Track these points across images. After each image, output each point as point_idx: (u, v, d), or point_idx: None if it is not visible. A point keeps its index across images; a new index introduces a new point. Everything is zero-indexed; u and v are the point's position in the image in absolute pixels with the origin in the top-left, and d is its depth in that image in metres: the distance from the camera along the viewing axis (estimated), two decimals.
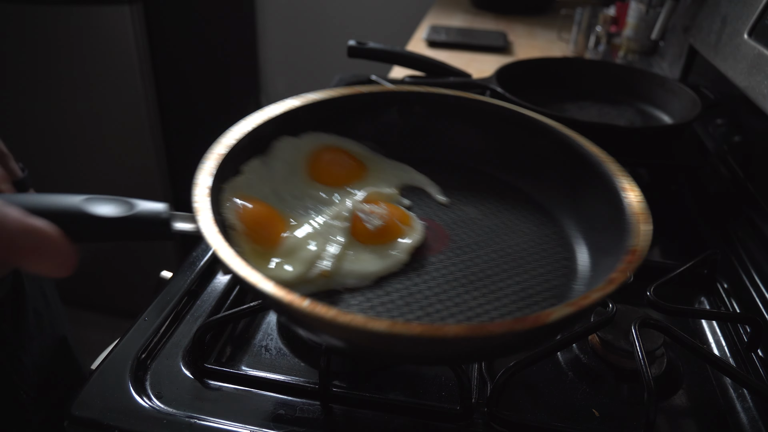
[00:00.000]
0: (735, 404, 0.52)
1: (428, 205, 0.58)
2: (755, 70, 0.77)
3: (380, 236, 0.49)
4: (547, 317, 0.34)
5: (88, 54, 1.60)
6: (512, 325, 0.34)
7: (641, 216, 0.45)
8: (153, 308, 0.57)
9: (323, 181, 0.56)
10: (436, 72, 1.00)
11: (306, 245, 0.48)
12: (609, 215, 0.49)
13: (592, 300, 0.37)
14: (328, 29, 2.29)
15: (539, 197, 0.59)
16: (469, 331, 0.34)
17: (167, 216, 0.41)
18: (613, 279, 0.39)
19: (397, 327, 0.33)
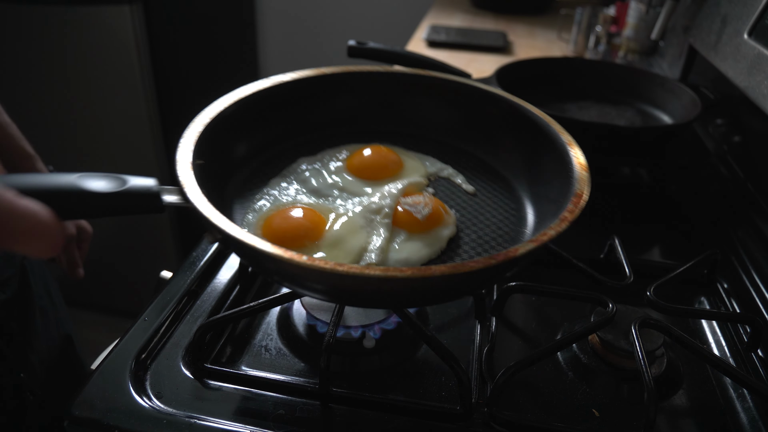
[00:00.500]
0: (735, 404, 0.52)
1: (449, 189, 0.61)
2: (755, 70, 0.77)
3: (427, 225, 0.52)
4: (516, 252, 0.41)
5: (88, 54, 1.60)
6: (487, 261, 0.40)
7: (584, 166, 0.51)
8: (153, 308, 0.57)
9: (364, 176, 0.58)
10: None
11: (350, 239, 0.50)
12: (555, 170, 0.54)
13: (549, 236, 0.43)
14: (328, 29, 2.29)
15: (494, 162, 0.64)
16: (453, 269, 0.39)
17: (157, 189, 0.42)
18: (565, 217, 0.45)
19: (390, 271, 0.38)
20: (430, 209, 0.52)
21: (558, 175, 0.53)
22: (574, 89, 1.03)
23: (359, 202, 0.55)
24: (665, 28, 1.15)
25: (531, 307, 0.62)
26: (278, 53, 2.39)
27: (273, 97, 0.60)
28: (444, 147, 0.66)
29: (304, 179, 0.58)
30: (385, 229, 0.52)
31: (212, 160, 0.50)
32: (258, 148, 0.60)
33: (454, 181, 0.62)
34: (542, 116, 0.58)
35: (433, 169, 0.62)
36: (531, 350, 0.57)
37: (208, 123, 0.52)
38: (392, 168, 0.59)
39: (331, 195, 0.56)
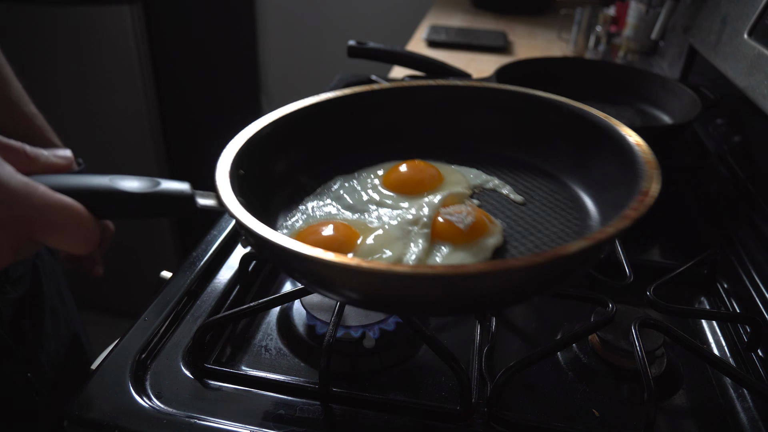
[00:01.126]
0: (735, 404, 0.52)
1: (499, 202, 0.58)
2: (755, 70, 0.77)
3: (470, 235, 0.49)
4: (566, 250, 0.36)
5: (88, 54, 1.60)
6: (533, 259, 0.35)
7: (652, 163, 0.47)
8: (153, 308, 0.57)
9: (402, 191, 0.56)
10: (436, 72, 1.00)
11: (385, 251, 0.48)
12: (617, 172, 0.50)
13: (607, 234, 0.38)
14: (328, 29, 2.29)
15: (550, 167, 0.60)
16: (491, 266, 0.34)
17: (191, 193, 0.43)
18: (627, 215, 0.40)
19: (420, 269, 0.35)
20: (473, 218, 0.49)
21: (621, 180, 0.49)
22: (574, 89, 1.03)
23: (396, 215, 0.53)
24: (665, 28, 1.15)
25: (531, 307, 0.62)
26: (278, 53, 2.39)
27: (310, 117, 0.58)
28: (490, 157, 0.62)
29: (338, 196, 0.56)
30: (423, 239, 0.48)
31: (252, 175, 0.50)
32: (298, 168, 0.58)
33: (500, 192, 0.58)
34: (607, 119, 0.54)
35: (477, 182, 0.59)
36: (531, 350, 0.57)
37: (249, 139, 0.51)
38: (431, 181, 0.57)
39: (367, 210, 0.54)
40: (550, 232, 0.52)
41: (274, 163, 0.56)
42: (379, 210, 0.54)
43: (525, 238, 0.51)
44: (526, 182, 0.59)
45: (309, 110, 0.58)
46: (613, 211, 0.48)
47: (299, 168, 0.58)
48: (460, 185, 0.57)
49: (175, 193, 0.42)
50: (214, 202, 0.43)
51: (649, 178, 0.45)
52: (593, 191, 0.55)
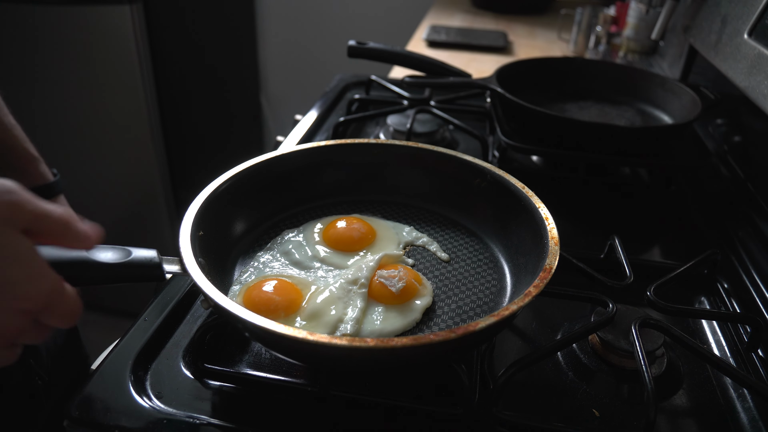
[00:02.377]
0: (735, 404, 0.52)
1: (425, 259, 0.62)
2: (755, 70, 0.77)
3: (401, 297, 0.54)
4: (476, 326, 0.42)
5: (88, 54, 1.60)
6: (447, 334, 0.41)
7: (556, 240, 0.52)
8: (153, 308, 0.57)
9: (339, 248, 0.60)
10: (436, 72, 1.00)
11: (327, 311, 0.52)
12: (531, 241, 0.56)
13: (511, 311, 0.44)
14: (328, 29, 2.29)
15: (475, 228, 0.66)
16: (414, 341, 0.41)
17: (159, 260, 0.46)
18: (529, 293, 0.46)
19: (356, 342, 0.40)
20: (404, 283, 0.54)
21: (533, 249, 0.54)
22: (574, 89, 1.03)
23: (337, 275, 0.57)
24: (665, 28, 1.15)
25: (531, 307, 0.62)
26: (278, 53, 2.39)
27: (263, 174, 0.63)
28: (422, 213, 0.68)
29: (286, 251, 0.60)
30: (361, 299, 0.53)
31: (211, 233, 0.54)
32: (254, 222, 0.63)
33: (429, 249, 0.63)
34: (523, 189, 0.59)
35: (408, 238, 0.64)
36: (531, 350, 0.57)
37: (206, 199, 0.55)
38: (365, 239, 0.62)
39: (312, 267, 0.58)
40: (471, 292, 0.57)
41: (230, 220, 0.60)
42: (322, 267, 0.58)
43: (449, 298, 0.56)
44: (453, 241, 0.64)
45: (258, 168, 0.62)
46: (524, 276, 0.55)
47: (251, 222, 0.63)
48: (393, 244, 0.62)
49: (144, 262, 0.46)
50: (178, 267, 0.47)
51: (552, 255, 0.50)
52: (510, 254, 0.61)
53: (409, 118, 0.96)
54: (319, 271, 0.58)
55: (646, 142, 0.84)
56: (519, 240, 0.59)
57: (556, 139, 0.84)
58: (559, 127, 0.84)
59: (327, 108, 1.07)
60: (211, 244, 0.53)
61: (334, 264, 0.59)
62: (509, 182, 0.61)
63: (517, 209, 0.59)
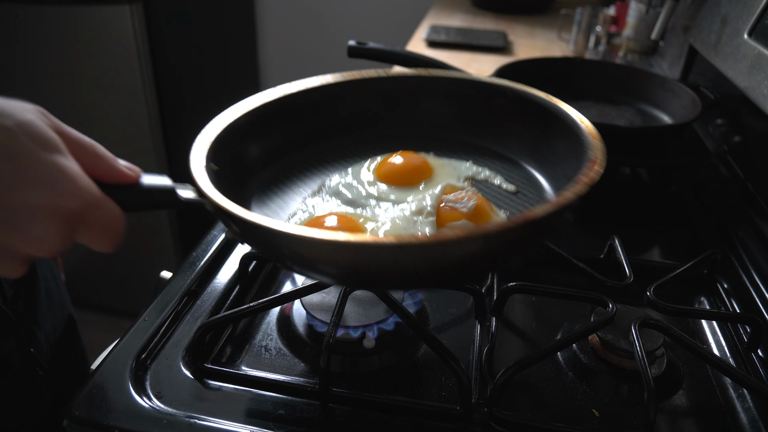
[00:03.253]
0: (735, 404, 0.52)
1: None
2: (755, 70, 0.77)
3: (475, 218, 0.49)
4: (534, 215, 0.38)
5: (88, 54, 1.60)
6: (506, 224, 0.38)
7: (595, 135, 0.50)
8: (153, 308, 0.57)
9: (394, 182, 0.57)
10: None
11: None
12: (567, 148, 0.53)
13: (566, 198, 0.41)
14: (328, 29, 2.29)
15: (505, 150, 0.62)
16: (469, 233, 0.38)
17: (172, 186, 0.43)
18: (579, 180, 0.43)
19: (404, 238, 0.36)
20: (475, 201, 0.49)
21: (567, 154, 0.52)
22: (574, 89, 1.03)
23: (399, 208, 0.53)
24: (665, 28, 1.15)
25: (531, 307, 0.62)
26: (278, 53, 2.39)
27: (291, 103, 0.59)
28: (478, 150, 0.63)
29: (337, 192, 0.56)
30: (429, 228, 0.49)
31: (226, 166, 0.50)
32: (274, 154, 0.58)
33: (493, 183, 0.58)
34: (547, 98, 0.57)
35: (468, 173, 0.59)
36: (531, 350, 0.57)
37: (221, 132, 0.51)
38: (424, 172, 0.58)
39: (368, 205, 0.54)
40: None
41: (248, 152, 0.56)
42: (379, 204, 0.54)
43: None
44: (516, 174, 0.60)
45: (288, 99, 0.58)
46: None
47: (276, 155, 0.58)
48: (453, 178, 0.58)
49: (157, 187, 0.43)
50: (194, 194, 0.43)
51: (595, 149, 0.48)
52: (545, 169, 0.58)
53: None
54: (376, 208, 0.53)
55: (646, 142, 0.84)
56: (553, 153, 0.56)
57: None
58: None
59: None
60: (228, 178, 0.49)
61: (392, 200, 0.54)
62: (534, 95, 0.59)
63: (548, 122, 0.56)
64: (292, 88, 0.60)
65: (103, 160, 0.41)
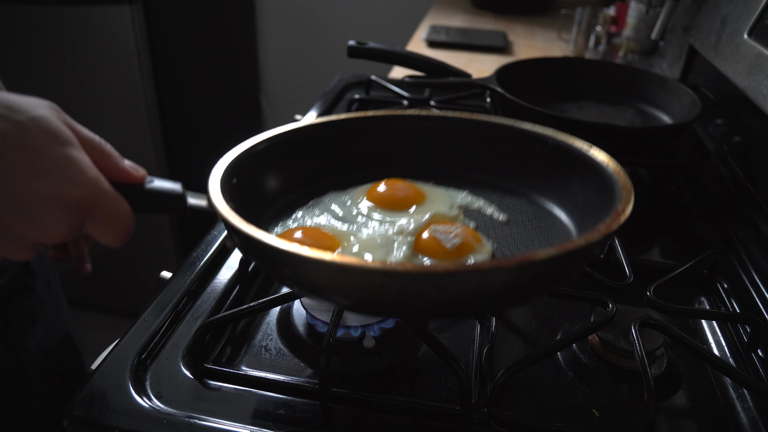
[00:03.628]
0: (735, 404, 0.52)
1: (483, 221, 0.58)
2: (755, 70, 0.77)
3: (454, 254, 0.49)
4: (534, 256, 0.36)
5: (88, 54, 1.60)
6: (501, 262, 0.36)
7: (628, 188, 0.48)
8: (153, 308, 0.57)
9: (385, 205, 0.57)
10: (436, 72, 1.00)
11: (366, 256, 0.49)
12: (596, 198, 0.52)
13: (576, 245, 0.39)
14: (328, 29, 2.29)
15: (532, 191, 0.61)
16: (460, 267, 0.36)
17: (182, 192, 0.45)
18: (599, 230, 0.41)
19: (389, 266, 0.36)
20: (460, 240, 0.49)
21: (601, 205, 0.50)
22: (574, 89, 1.03)
23: (383, 228, 0.54)
24: (665, 28, 1.15)
25: (531, 307, 0.62)
26: (278, 53, 2.39)
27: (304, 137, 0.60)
28: (478, 182, 0.63)
29: (329, 209, 0.57)
30: (406, 248, 0.49)
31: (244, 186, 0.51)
32: (288, 187, 0.59)
33: (485, 213, 0.59)
34: (588, 150, 0.55)
35: (463, 202, 0.60)
36: (531, 350, 0.57)
37: (245, 151, 0.53)
38: (414, 197, 0.58)
39: (356, 222, 0.55)
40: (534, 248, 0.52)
41: (266, 179, 0.57)
42: (366, 222, 0.55)
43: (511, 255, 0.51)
44: (511, 205, 0.60)
45: (304, 131, 0.60)
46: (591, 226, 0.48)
47: (290, 186, 0.59)
48: (446, 206, 0.58)
49: (167, 191, 0.44)
50: (204, 202, 0.45)
51: (625, 201, 0.46)
52: (573, 214, 0.56)
53: None
54: (362, 227, 0.54)
55: (646, 142, 0.84)
56: (583, 199, 0.55)
57: None
58: (558, 127, 0.83)
59: (327, 108, 1.07)
60: (243, 196, 0.50)
61: (381, 221, 0.55)
62: (572, 146, 0.57)
63: (580, 169, 0.55)
64: (330, 119, 0.62)
65: (110, 158, 0.42)
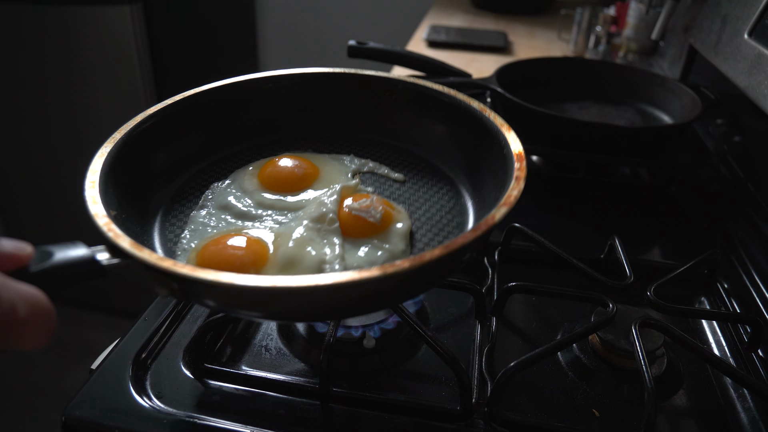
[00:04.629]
0: (735, 404, 0.52)
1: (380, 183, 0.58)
2: (755, 70, 0.77)
3: (382, 227, 0.48)
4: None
5: (88, 54, 1.60)
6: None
7: (519, 154, 0.47)
8: (153, 308, 0.57)
9: (283, 189, 0.53)
10: (436, 72, 1.00)
11: (304, 254, 0.45)
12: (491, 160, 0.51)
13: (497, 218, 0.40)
14: (328, 29, 2.29)
15: (412, 146, 0.61)
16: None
17: (91, 253, 0.36)
18: (505, 202, 0.42)
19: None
20: (382, 210, 0.49)
21: (491, 157, 0.51)
22: (574, 89, 1.03)
23: (296, 216, 0.50)
24: (665, 28, 1.15)
25: (531, 307, 0.62)
26: (278, 53, 2.39)
27: (178, 115, 0.56)
28: (354, 142, 0.63)
29: (225, 205, 0.51)
30: (336, 235, 0.47)
31: (128, 200, 0.46)
32: (167, 176, 0.54)
33: (380, 173, 0.58)
34: (470, 102, 0.55)
35: (353, 167, 0.58)
36: (531, 350, 0.57)
37: (113, 149, 0.47)
38: (310, 174, 0.55)
39: (261, 216, 0.50)
40: (436, 209, 0.54)
41: (141, 180, 0.51)
42: (273, 214, 0.51)
43: (423, 217, 0.53)
44: (398, 159, 0.60)
45: (172, 108, 0.56)
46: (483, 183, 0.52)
47: (165, 178, 0.54)
48: (341, 174, 0.56)
49: (74, 260, 0.35)
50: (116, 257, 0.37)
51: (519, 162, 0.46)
52: (454, 158, 0.57)
53: None
54: (270, 219, 0.50)
55: (646, 142, 0.84)
56: (454, 142, 0.57)
57: (556, 139, 0.84)
58: (559, 127, 0.84)
59: None
60: (129, 214, 0.45)
61: (286, 207, 0.51)
62: (428, 88, 0.58)
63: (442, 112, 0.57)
64: (190, 92, 0.58)
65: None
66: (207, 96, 0.58)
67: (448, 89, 0.57)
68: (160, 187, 0.53)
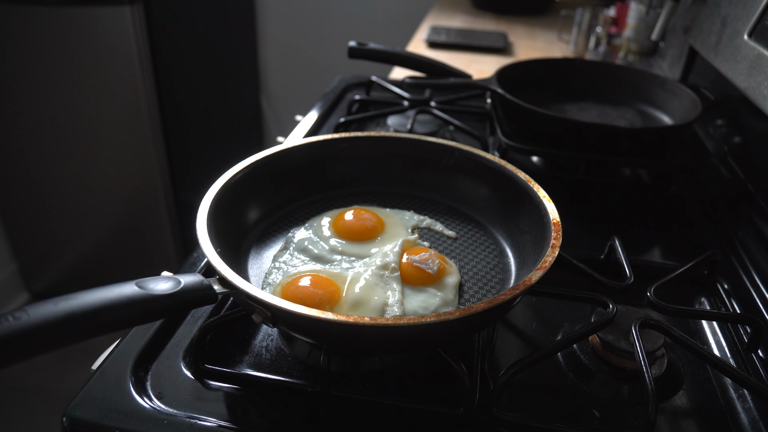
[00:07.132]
0: (735, 405, 0.52)
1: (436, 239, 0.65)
2: (755, 70, 0.77)
3: (437, 278, 0.56)
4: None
5: (89, 54, 1.60)
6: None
7: (557, 223, 0.55)
8: None
9: (354, 238, 0.62)
10: (437, 73, 1.00)
11: (370, 297, 0.53)
12: (532, 225, 0.59)
13: (533, 280, 0.47)
14: (328, 30, 2.30)
15: (467, 208, 0.69)
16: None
17: (209, 283, 0.45)
18: (541, 266, 0.49)
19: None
20: (438, 264, 0.56)
21: (532, 222, 0.58)
22: (574, 90, 1.03)
23: (364, 263, 0.58)
24: (665, 29, 1.15)
25: (531, 308, 0.63)
26: (278, 53, 2.39)
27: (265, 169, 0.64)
28: (413, 199, 0.71)
29: (303, 248, 0.61)
30: (396, 282, 0.55)
31: (226, 238, 0.54)
32: (256, 219, 0.64)
33: (435, 230, 0.66)
34: (516, 172, 0.62)
35: (412, 222, 0.66)
36: (532, 351, 0.57)
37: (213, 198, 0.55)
38: (377, 227, 0.64)
39: (334, 260, 0.59)
40: (485, 263, 0.61)
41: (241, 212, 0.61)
42: (344, 259, 0.59)
43: (471, 271, 0.60)
44: (452, 219, 0.68)
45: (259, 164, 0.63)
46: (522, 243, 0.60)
47: (254, 220, 0.64)
48: (402, 228, 0.65)
49: (197, 287, 0.44)
50: (225, 287, 0.45)
51: (555, 228, 0.54)
52: (505, 228, 0.65)
53: (409, 118, 0.96)
54: (342, 263, 0.59)
55: (647, 142, 0.84)
56: (510, 213, 0.63)
57: (557, 139, 0.85)
58: (559, 127, 0.84)
59: (327, 109, 1.08)
60: (225, 241, 0.54)
61: (355, 254, 0.60)
62: (480, 156, 0.65)
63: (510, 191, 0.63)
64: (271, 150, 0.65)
65: None
66: (290, 153, 0.66)
67: (498, 159, 0.65)
68: (249, 230, 0.62)
